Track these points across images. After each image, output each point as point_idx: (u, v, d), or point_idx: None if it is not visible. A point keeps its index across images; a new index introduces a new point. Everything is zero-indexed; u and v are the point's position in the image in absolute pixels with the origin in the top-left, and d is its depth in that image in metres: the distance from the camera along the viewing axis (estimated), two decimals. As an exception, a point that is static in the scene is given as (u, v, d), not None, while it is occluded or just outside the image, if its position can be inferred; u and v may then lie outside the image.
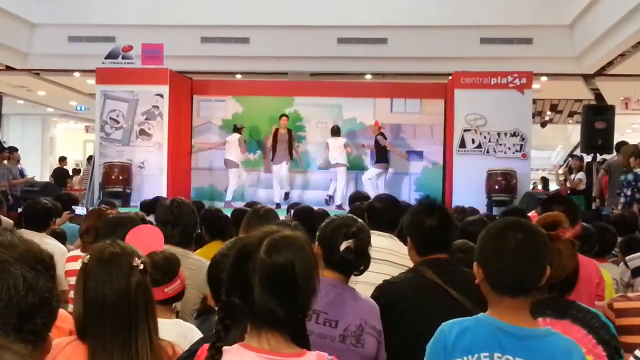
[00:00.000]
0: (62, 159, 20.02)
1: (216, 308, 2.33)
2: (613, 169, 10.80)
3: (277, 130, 14.33)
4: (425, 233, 3.23)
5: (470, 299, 2.72)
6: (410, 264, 3.92)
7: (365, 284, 3.13)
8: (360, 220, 3.06)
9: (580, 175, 11.94)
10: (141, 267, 2.23)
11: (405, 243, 4.11)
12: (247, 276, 1.81)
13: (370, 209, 4.19)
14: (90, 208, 5.54)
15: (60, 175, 18.74)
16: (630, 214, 7.35)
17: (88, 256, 2.26)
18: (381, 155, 14.24)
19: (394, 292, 3.18)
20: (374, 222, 4.04)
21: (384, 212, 4.13)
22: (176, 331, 2.75)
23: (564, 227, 2.60)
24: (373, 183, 14.15)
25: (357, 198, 6.25)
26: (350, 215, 3.14)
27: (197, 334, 2.76)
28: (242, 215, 4.85)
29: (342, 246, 2.78)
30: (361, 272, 2.91)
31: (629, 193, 9.46)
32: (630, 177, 9.48)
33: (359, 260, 2.85)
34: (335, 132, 14.38)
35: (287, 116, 14.44)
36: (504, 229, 2.23)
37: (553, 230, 2.56)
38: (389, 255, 3.87)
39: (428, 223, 3.20)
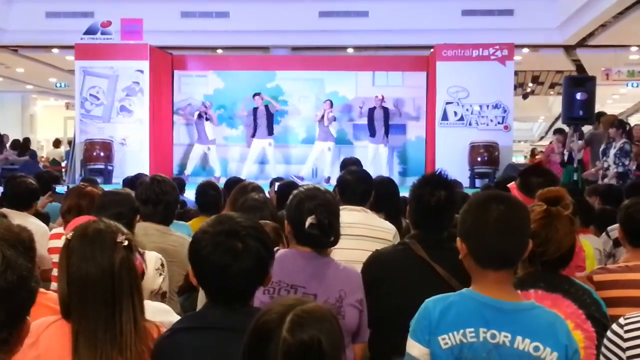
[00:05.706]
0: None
1: (198, 286, 2.30)
2: (594, 139, 10.84)
3: (255, 108, 14.33)
4: (423, 208, 3.14)
5: (458, 276, 2.68)
6: (385, 236, 3.89)
7: (342, 262, 3.00)
8: (326, 190, 2.96)
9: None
10: (125, 243, 2.19)
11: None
12: (267, 358, 1.59)
13: (342, 182, 4.13)
14: (71, 186, 5.46)
15: None
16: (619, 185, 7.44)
17: (72, 233, 2.21)
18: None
19: (381, 264, 3.15)
20: (346, 195, 4.01)
21: (355, 185, 4.07)
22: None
23: (565, 202, 2.57)
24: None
25: (349, 163, 6.17)
26: (316, 187, 3.03)
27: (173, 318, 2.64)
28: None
29: (307, 223, 2.73)
30: (332, 245, 2.85)
31: (627, 162, 9.53)
32: (627, 147, 9.56)
33: (325, 236, 2.78)
34: None
35: (259, 94, 14.44)
36: (486, 202, 2.19)
37: (554, 206, 2.55)
38: (364, 230, 3.82)
39: (426, 199, 3.10)
